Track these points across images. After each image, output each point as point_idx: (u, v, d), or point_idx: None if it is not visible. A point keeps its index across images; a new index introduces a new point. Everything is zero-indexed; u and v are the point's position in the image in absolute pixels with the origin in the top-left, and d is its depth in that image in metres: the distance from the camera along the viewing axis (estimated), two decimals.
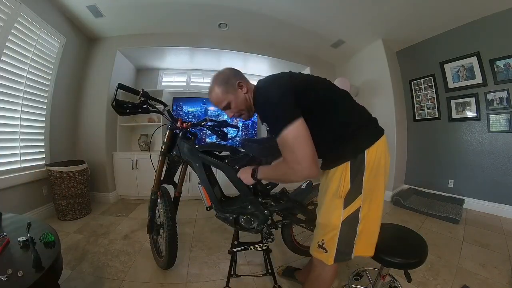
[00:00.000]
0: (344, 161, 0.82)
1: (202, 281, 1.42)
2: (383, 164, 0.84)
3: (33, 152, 2.28)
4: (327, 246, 0.87)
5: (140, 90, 1.30)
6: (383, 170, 0.84)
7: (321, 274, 0.94)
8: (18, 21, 1.93)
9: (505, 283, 1.34)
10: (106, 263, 1.57)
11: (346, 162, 0.82)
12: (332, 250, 0.86)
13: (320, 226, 0.90)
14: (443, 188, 2.95)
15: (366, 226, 0.85)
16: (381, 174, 0.84)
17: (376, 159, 0.82)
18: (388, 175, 0.89)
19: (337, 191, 0.84)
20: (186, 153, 1.30)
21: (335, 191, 0.84)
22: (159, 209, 1.47)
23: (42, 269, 0.77)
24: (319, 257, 0.91)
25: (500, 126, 2.46)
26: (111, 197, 2.92)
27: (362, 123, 0.86)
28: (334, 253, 0.86)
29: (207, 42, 3.02)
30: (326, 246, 0.88)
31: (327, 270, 0.92)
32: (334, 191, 0.84)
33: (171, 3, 2.40)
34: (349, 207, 0.83)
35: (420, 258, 0.90)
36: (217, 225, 2.24)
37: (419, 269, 1.41)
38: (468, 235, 1.99)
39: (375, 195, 0.85)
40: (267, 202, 1.26)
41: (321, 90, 0.88)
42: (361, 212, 0.83)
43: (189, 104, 3.54)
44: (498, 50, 2.39)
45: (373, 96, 3.32)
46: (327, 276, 0.93)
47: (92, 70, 2.90)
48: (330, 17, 2.63)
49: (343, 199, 0.83)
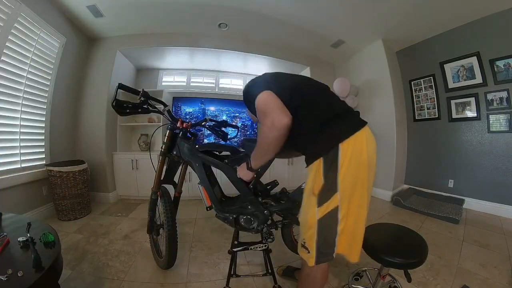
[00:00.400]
0: (318, 156, 0.79)
1: (202, 281, 1.42)
2: (364, 159, 0.78)
3: (33, 152, 2.28)
4: (308, 246, 0.85)
5: (140, 90, 1.30)
6: (366, 166, 0.78)
7: (310, 274, 0.92)
8: (18, 21, 1.93)
9: (505, 283, 1.34)
10: (106, 263, 1.57)
11: (319, 158, 0.79)
12: (313, 251, 0.83)
13: (301, 224, 0.89)
14: (443, 188, 2.95)
15: (347, 226, 0.80)
16: (363, 170, 0.78)
17: (354, 154, 0.76)
18: (375, 170, 0.85)
19: (311, 188, 0.81)
20: (186, 153, 1.30)
21: (310, 188, 0.82)
22: (159, 209, 1.47)
23: (42, 269, 0.77)
24: (304, 257, 0.88)
25: (500, 126, 2.46)
26: (111, 197, 2.91)
27: (336, 117, 0.82)
28: (314, 253, 0.83)
29: (207, 42, 3.02)
30: (307, 246, 0.85)
31: (314, 270, 0.89)
32: (309, 188, 0.82)
33: (171, 3, 2.40)
34: (324, 206, 0.78)
35: (420, 258, 0.90)
36: (217, 225, 2.24)
37: (419, 269, 1.41)
38: (468, 235, 1.99)
39: (356, 193, 0.79)
40: (267, 202, 1.26)
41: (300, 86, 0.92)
42: (340, 212, 0.78)
43: (189, 104, 3.54)
44: (498, 50, 2.39)
45: (373, 96, 3.32)
46: (316, 275, 0.91)
47: (92, 70, 2.89)
48: (330, 17, 2.63)
49: (317, 197, 0.79)
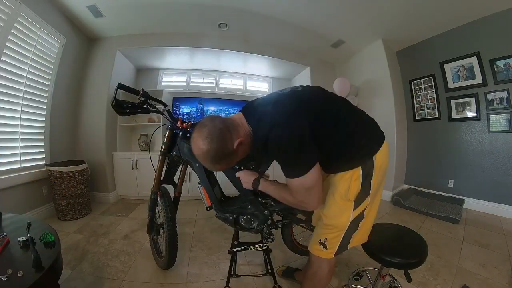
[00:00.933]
0: (355, 167, 0.84)
1: (202, 281, 1.42)
2: (386, 166, 0.90)
3: (33, 152, 2.28)
4: (329, 244, 0.90)
5: (140, 90, 1.30)
6: (385, 171, 0.91)
7: (318, 271, 0.96)
8: (18, 21, 1.93)
9: (505, 283, 1.34)
10: (106, 263, 1.57)
11: (357, 168, 0.83)
12: (334, 247, 0.90)
13: (326, 226, 0.91)
14: (443, 188, 2.95)
15: (366, 221, 0.91)
16: (383, 174, 0.91)
17: (382, 162, 0.87)
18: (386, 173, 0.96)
19: (346, 194, 0.85)
20: (186, 153, 1.30)
21: (344, 194, 0.85)
22: (159, 209, 1.46)
23: (42, 269, 0.77)
24: (318, 254, 0.93)
25: (500, 126, 2.46)
26: (111, 197, 2.91)
27: (368, 131, 0.89)
28: (335, 250, 0.91)
29: (207, 42, 3.02)
30: (327, 244, 0.91)
31: (324, 267, 0.95)
32: (343, 194, 0.85)
33: (171, 3, 2.40)
34: (358, 208, 0.87)
35: (420, 258, 0.90)
36: (217, 225, 2.24)
37: (419, 269, 1.40)
38: (468, 235, 1.99)
39: (377, 194, 0.91)
40: (267, 202, 1.26)
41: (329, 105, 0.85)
42: (366, 211, 0.89)
43: (188, 104, 3.54)
44: (498, 50, 2.38)
45: (373, 96, 3.32)
46: (324, 272, 0.95)
47: (92, 70, 2.89)
48: (330, 17, 2.63)
49: (353, 202, 0.85)
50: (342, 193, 0.85)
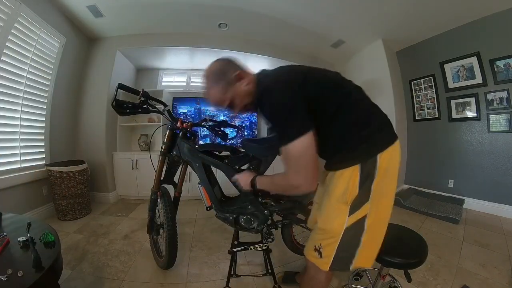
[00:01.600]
0: (353, 163, 0.76)
1: (202, 281, 1.42)
2: (394, 171, 0.80)
3: (33, 152, 2.28)
4: (323, 251, 0.82)
5: (140, 90, 1.30)
6: (394, 177, 0.80)
7: (315, 277, 0.91)
8: (18, 21, 1.93)
9: (505, 283, 1.34)
10: (106, 263, 1.57)
11: (355, 165, 0.76)
12: (329, 257, 0.81)
13: (319, 230, 0.85)
14: (443, 188, 2.95)
15: (371, 236, 0.79)
16: (391, 181, 0.80)
17: (388, 165, 0.77)
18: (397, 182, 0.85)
19: (343, 196, 0.78)
20: (186, 153, 1.30)
21: (340, 196, 0.78)
22: (159, 209, 1.47)
23: (42, 269, 0.77)
24: (313, 261, 0.86)
25: (500, 126, 2.46)
26: (111, 197, 2.91)
27: (377, 125, 0.82)
28: (331, 260, 0.81)
29: (207, 42, 3.02)
30: (322, 251, 0.82)
31: (321, 273, 0.88)
32: (339, 195, 0.78)
33: (171, 3, 2.39)
34: (355, 214, 0.77)
35: (420, 258, 0.90)
36: (217, 225, 2.24)
37: (419, 269, 1.40)
38: (468, 235, 1.99)
39: (382, 202, 0.79)
40: (267, 202, 1.26)
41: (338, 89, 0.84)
42: (368, 220, 0.77)
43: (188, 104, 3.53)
44: (498, 50, 2.38)
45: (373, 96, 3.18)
46: (321, 279, 0.90)
47: (92, 70, 2.89)
48: (330, 17, 2.63)
49: (349, 205, 0.77)
50: (339, 194, 0.78)
